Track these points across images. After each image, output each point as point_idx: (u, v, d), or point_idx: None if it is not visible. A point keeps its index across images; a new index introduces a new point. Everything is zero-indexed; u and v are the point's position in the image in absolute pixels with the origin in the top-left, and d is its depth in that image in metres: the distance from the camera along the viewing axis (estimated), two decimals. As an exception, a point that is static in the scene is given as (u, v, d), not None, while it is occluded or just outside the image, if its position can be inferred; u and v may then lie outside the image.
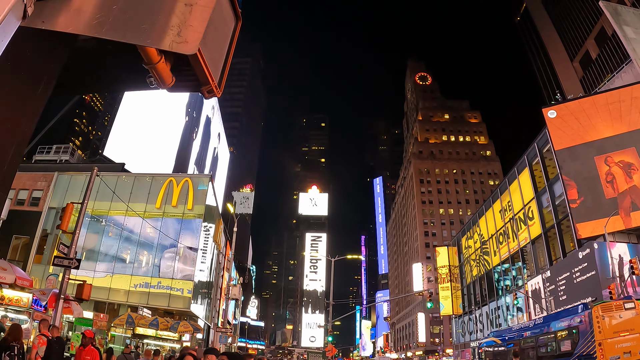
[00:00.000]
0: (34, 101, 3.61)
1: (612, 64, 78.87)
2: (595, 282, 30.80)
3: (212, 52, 3.56)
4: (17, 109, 3.48)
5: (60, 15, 3.24)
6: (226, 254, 53.07)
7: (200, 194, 39.57)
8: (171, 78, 3.65)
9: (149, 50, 3.35)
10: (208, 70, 3.49)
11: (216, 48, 3.69)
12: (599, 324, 18.75)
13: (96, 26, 3.16)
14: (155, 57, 3.41)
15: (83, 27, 3.19)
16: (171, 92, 3.98)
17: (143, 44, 3.22)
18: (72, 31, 3.21)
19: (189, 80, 3.74)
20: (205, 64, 3.42)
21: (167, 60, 3.55)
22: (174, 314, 37.06)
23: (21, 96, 3.50)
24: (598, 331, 18.65)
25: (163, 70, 3.54)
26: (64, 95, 34.62)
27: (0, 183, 3.43)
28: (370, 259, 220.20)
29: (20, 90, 3.48)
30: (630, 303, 19.28)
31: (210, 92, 3.76)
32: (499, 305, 50.13)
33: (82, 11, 3.25)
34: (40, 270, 35.77)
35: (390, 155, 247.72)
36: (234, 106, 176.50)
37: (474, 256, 61.46)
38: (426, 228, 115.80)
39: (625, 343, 18.22)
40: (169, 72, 3.61)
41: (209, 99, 6.00)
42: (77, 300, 19.32)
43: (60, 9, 3.26)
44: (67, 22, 3.22)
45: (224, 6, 3.76)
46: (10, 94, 3.37)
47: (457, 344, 67.74)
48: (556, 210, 39.13)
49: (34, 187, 39.33)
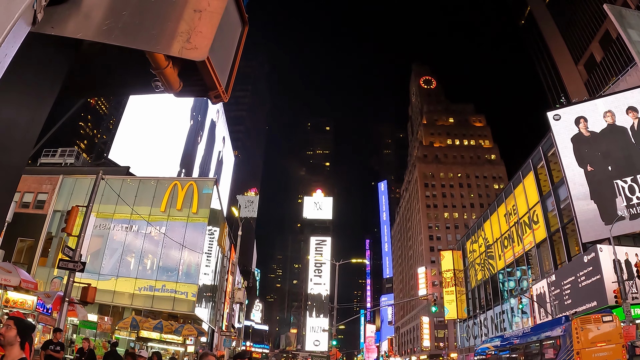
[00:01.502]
0: (40, 104, 3.62)
1: (617, 67, 78.65)
2: (600, 286, 30.66)
3: (220, 58, 3.57)
4: (23, 112, 3.49)
5: (70, 20, 3.26)
6: (231, 257, 53.08)
7: (205, 198, 39.59)
8: (179, 83, 3.66)
9: (157, 55, 3.35)
10: (216, 75, 3.49)
11: (223, 53, 3.70)
12: (578, 335, 20.44)
13: (106, 32, 3.17)
14: (163, 62, 3.43)
15: (93, 33, 3.20)
16: (178, 97, 4.00)
17: (153, 50, 3.23)
18: (82, 37, 3.22)
19: (196, 85, 3.75)
20: (213, 69, 3.42)
21: (174, 65, 3.56)
22: (178, 318, 37.06)
23: (27, 99, 3.51)
24: (577, 341, 20.31)
25: (171, 75, 3.55)
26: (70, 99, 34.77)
27: (6, 186, 3.44)
28: (374, 263, 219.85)
29: (26, 93, 3.49)
30: (609, 317, 21.13)
31: (218, 97, 3.77)
32: (503, 310, 49.97)
33: (91, 17, 3.27)
34: (45, 273, 35.84)
35: (395, 159, 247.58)
36: (238, 110, 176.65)
37: (478, 260, 61.30)
38: (431, 232, 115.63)
39: (602, 353, 20.00)
40: (177, 77, 3.62)
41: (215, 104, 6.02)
42: (82, 303, 19.37)
43: (70, 15, 3.28)
44: (76, 27, 3.23)
45: (231, 11, 3.77)
46: (16, 97, 3.38)
47: (462, 348, 67.54)
48: (561, 214, 39.02)
49: (39, 190, 39.42)
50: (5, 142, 3.31)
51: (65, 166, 48.16)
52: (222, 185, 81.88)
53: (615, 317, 21.15)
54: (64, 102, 42.34)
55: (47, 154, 51.67)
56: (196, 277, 36.92)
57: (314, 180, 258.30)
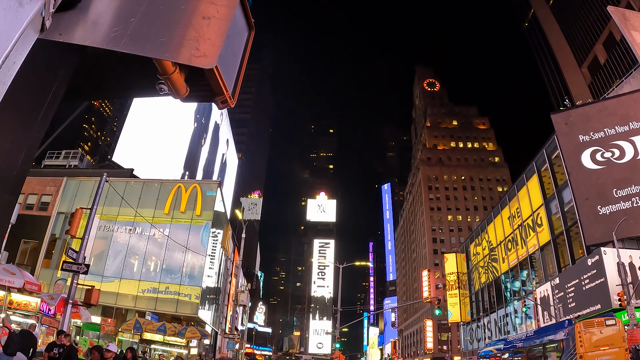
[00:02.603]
0: (45, 107, 3.63)
1: (620, 70, 78.49)
2: (604, 289, 30.54)
3: (226, 63, 3.58)
4: (28, 114, 3.51)
5: (78, 27, 3.27)
6: (234, 260, 53.11)
7: (209, 200, 39.65)
8: (185, 89, 3.67)
9: (164, 61, 3.36)
10: (223, 81, 3.50)
11: (230, 59, 3.71)
12: (581, 338, 20.23)
13: (114, 39, 3.18)
14: (170, 68, 3.43)
15: (101, 40, 3.21)
16: (185, 102, 4.00)
17: (162, 58, 3.23)
18: (90, 44, 3.23)
19: (202, 90, 3.75)
20: (220, 75, 3.43)
21: (181, 71, 3.56)
22: (181, 320, 37.10)
23: (32, 102, 3.53)
24: (579, 345, 20.12)
25: (178, 80, 3.56)
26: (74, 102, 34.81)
27: (10, 187, 3.46)
28: (378, 266, 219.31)
29: (31, 96, 3.50)
30: (612, 320, 20.92)
31: (224, 103, 3.78)
32: (507, 313, 49.82)
33: (99, 24, 3.27)
34: (48, 275, 35.93)
35: (399, 162, 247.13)
36: (242, 112, 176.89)
37: (482, 263, 61.15)
38: (434, 235, 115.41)
39: (605, 357, 19.76)
40: (184, 83, 3.63)
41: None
42: (86, 305, 19.40)
43: (77, 22, 3.29)
44: (84, 35, 3.24)
45: (237, 17, 3.78)
46: (21, 100, 3.40)
47: (465, 351, 67.34)
48: (565, 217, 38.89)
49: (43, 192, 39.52)
50: (10, 144, 3.32)
51: (69, 168, 48.32)
52: (226, 187, 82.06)
53: (618, 320, 21.03)
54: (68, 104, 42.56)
55: (51, 156, 51.86)
56: (200, 279, 36.96)
57: (317, 182, 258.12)
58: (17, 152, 3.43)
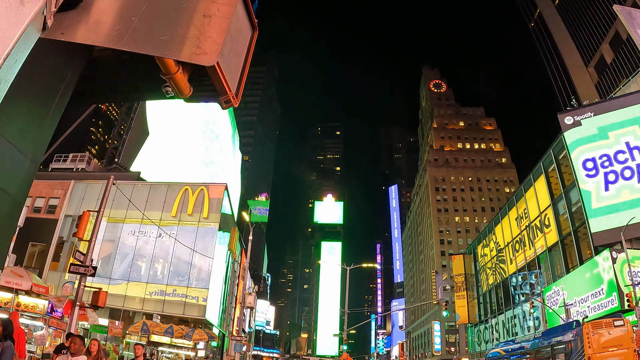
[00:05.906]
0: (52, 109, 3.64)
1: (627, 69, 78.19)
2: (612, 290, 30.44)
3: (230, 63, 3.57)
4: (35, 118, 3.51)
5: (80, 26, 3.26)
6: (241, 262, 53.13)
7: (216, 203, 39.67)
8: (189, 88, 3.66)
9: (167, 61, 3.35)
10: (226, 80, 3.49)
11: (233, 58, 3.69)
12: (589, 339, 20.16)
13: (115, 38, 3.17)
14: (173, 67, 3.42)
15: (103, 39, 3.21)
16: (188, 103, 4.00)
17: (163, 56, 3.22)
18: (92, 43, 3.22)
19: (206, 90, 3.74)
20: (223, 74, 3.42)
21: (184, 70, 3.56)
22: (189, 322, 37.12)
23: (39, 105, 3.53)
24: (588, 346, 20.04)
25: (181, 80, 3.55)
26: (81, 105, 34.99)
27: (18, 191, 3.46)
28: (385, 267, 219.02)
29: (38, 99, 3.51)
30: (620, 321, 20.76)
31: (228, 102, 3.77)
32: (515, 314, 49.62)
33: (101, 22, 3.27)
34: (56, 278, 36.02)
35: (406, 163, 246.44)
36: (248, 115, 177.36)
37: (489, 264, 60.95)
38: (442, 236, 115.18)
39: (614, 358, 19.71)
40: (187, 83, 3.63)
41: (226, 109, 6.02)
42: (93, 307, 19.41)
43: (80, 21, 3.28)
44: (86, 33, 3.23)
45: (240, 17, 3.76)
46: (28, 104, 3.40)
47: (473, 353, 67.11)
48: (573, 217, 38.71)
49: (50, 195, 39.67)
50: (18, 148, 3.32)
51: (77, 171, 48.46)
52: (233, 189, 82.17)
53: (627, 321, 20.89)
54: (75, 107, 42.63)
55: (59, 159, 52.07)
56: (207, 281, 36.96)
57: (324, 184, 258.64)
58: (24, 155, 3.43)
